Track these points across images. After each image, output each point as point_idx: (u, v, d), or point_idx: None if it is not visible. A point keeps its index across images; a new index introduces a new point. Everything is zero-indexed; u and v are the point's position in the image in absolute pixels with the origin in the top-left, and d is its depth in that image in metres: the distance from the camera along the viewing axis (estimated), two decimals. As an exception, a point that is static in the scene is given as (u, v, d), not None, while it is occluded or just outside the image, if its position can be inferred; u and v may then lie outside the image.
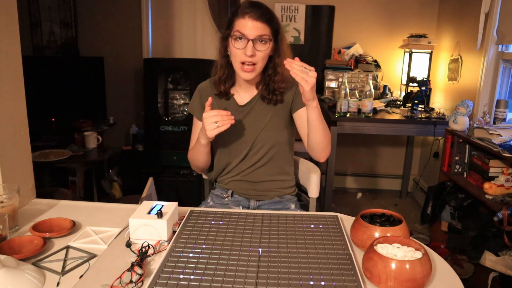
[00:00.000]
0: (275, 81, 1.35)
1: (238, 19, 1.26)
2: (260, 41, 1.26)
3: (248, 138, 1.40)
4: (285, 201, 1.47)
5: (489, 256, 1.85)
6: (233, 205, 1.45)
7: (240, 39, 1.25)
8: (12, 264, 0.83)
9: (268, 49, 1.29)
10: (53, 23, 3.54)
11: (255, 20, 1.24)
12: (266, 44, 1.27)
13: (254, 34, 1.24)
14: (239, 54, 1.27)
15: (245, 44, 1.25)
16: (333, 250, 0.95)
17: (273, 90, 1.36)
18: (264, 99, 1.38)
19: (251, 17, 1.24)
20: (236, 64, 1.30)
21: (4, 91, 1.18)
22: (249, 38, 1.24)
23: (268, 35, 1.27)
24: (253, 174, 1.43)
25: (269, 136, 1.39)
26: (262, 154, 1.40)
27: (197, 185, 3.00)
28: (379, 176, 3.71)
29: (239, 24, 1.25)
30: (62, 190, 2.62)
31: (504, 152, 1.85)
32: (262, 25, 1.25)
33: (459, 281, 0.87)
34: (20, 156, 1.26)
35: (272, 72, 1.35)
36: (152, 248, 0.94)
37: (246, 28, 1.24)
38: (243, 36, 1.25)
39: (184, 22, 3.51)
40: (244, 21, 1.24)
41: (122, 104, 3.64)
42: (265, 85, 1.37)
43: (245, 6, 1.26)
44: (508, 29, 2.29)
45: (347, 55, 3.36)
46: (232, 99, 1.42)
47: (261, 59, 1.28)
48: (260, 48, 1.26)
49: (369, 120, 2.70)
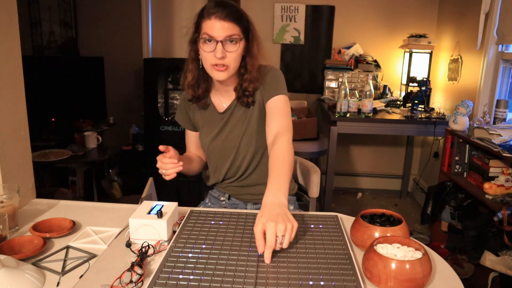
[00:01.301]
0: (245, 80, 1.27)
1: (205, 21, 1.18)
2: (230, 41, 1.19)
3: (231, 145, 1.35)
4: None
5: (489, 256, 1.85)
6: (231, 207, 1.45)
7: (209, 41, 1.18)
8: (12, 264, 0.83)
9: (239, 49, 1.21)
10: (53, 23, 3.55)
11: (222, 20, 1.16)
12: (237, 44, 1.20)
13: (222, 35, 1.17)
14: (209, 57, 1.20)
15: (214, 47, 1.18)
16: (333, 250, 0.95)
17: (243, 91, 1.29)
18: (239, 99, 1.31)
19: (217, 17, 1.16)
20: (208, 66, 1.23)
21: (4, 91, 1.18)
22: (217, 40, 1.17)
23: (238, 35, 1.19)
24: (246, 179, 1.40)
25: (250, 142, 1.34)
26: (249, 160, 1.36)
27: (197, 185, 3.00)
28: (379, 176, 3.71)
29: (206, 26, 1.18)
30: (62, 190, 2.63)
31: (504, 152, 1.85)
32: (230, 24, 1.17)
33: (459, 281, 0.87)
34: (20, 156, 1.26)
35: (244, 71, 1.28)
36: (152, 248, 0.94)
37: (214, 30, 1.16)
38: (212, 38, 1.17)
39: (184, 22, 3.51)
40: (211, 22, 1.17)
41: (122, 104, 3.64)
42: (240, 85, 1.30)
43: (210, 7, 1.19)
44: (508, 29, 2.29)
45: (347, 55, 3.36)
46: (212, 106, 1.37)
47: (233, 59, 1.21)
48: (230, 48, 1.19)
49: (369, 120, 2.70)
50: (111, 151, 3.08)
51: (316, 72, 3.41)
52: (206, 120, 1.39)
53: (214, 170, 1.43)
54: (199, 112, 1.39)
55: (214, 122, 1.37)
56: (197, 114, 1.41)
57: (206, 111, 1.39)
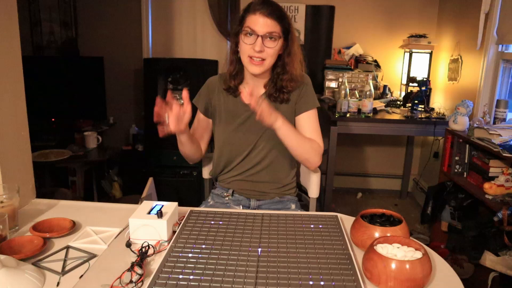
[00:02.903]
0: (283, 79, 1.36)
1: (249, 15, 1.28)
2: (270, 38, 1.27)
3: (251, 137, 1.40)
4: (286, 201, 1.47)
5: (489, 256, 1.85)
6: (234, 204, 1.45)
7: (250, 34, 1.27)
8: (12, 264, 0.83)
9: (277, 46, 1.30)
10: (53, 23, 3.54)
11: (266, 17, 1.25)
12: (276, 41, 1.29)
13: (263, 30, 1.26)
14: (248, 49, 1.28)
15: (254, 40, 1.27)
16: (332, 250, 0.95)
17: (280, 88, 1.37)
18: (270, 97, 1.39)
19: (262, 14, 1.25)
20: (245, 58, 1.31)
21: (4, 91, 1.18)
22: (258, 34, 1.26)
23: (277, 33, 1.28)
24: (254, 174, 1.43)
25: (271, 137, 1.38)
26: (264, 154, 1.41)
27: (197, 185, 3.00)
28: (379, 176, 3.71)
29: (250, 20, 1.27)
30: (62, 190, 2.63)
31: (504, 152, 1.85)
32: (272, 22, 1.26)
33: (459, 281, 0.87)
34: (20, 156, 1.26)
35: (281, 70, 1.36)
36: (152, 248, 0.94)
37: (257, 24, 1.26)
38: (253, 32, 1.26)
39: (184, 22, 3.51)
40: (255, 17, 1.26)
41: (122, 104, 3.64)
42: (273, 83, 1.38)
43: (257, 3, 1.28)
44: (508, 29, 2.29)
45: (347, 55, 3.36)
46: (239, 97, 1.42)
47: (270, 55, 1.29)
48: (269, 44, 1.28)
49: (369, 120, 2.70)
50: (111, 151, 3.08)
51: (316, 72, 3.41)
52: (228, 109, 1.42)
53: (227, 160, 1.45)
54: (224, 100, 1.43)
55: (237, 112, 1.41)
56: (220, 102, 1.43)
57: (232, 100, 1.42)
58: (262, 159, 1.41)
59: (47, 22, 3.54)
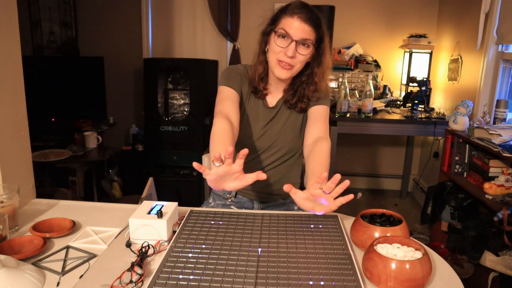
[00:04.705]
0: (309, 90, 1.31)
1: (285, 17, 1.21)
2: (303, 44, 1.22)
3: (266, 140, 1.37)
4: (289, 203, 1.46)
5: (489, 256, 1.85)
6: (236, 206, 1.44)
7: (284, 37, 1.21)
8: (12, 264, 0.83)
9: (309, 54, 1.25)
10: (53, 23, 3.55)
11: (303, 22, 1.19)
12: (308, 49, 1.23)
13: (299, 35, 1.20)
14: (278, 52, 1.22)
15: (287, 44, 1.21)
16: (332, 250, 0.95)
17: (301, 97, 1.32)
18: (286, 103, 1.34)
19: (300, 18, 1.19)
20: (273, 60, 1.25)
21: (4, 91, 1.18)
22: (293, 39, 1.20)
23: (312, 40, 1.22)
24: None
25: (287, 141, 1.36)
26: (275, 158, 1.39)
27: (197, 185, 3.00)
28: (379, 176, 3.71)
29: (286, 22, 1.21)
30: (62, 190, 2.62)
31: (504, 152, 1.85)
32: (309, 28, 1.20)
33: (459, 281, 0.87)
34: (20, 156, 1.26)
35: (306, 79, 1.31)
36: (152, 248, 0.94)
37: (292, 28, 1.20)
38: (287, 35, 1.20)
39: (184, 22, 3.51)
40: (292, 20, 1.20)
41: (122, 104, 3.64)
42: (294, 90, 1.33)
43: (296, 6, 1.22)
44: (508, 29, 2.29)
45: (347, 55, 3.36)
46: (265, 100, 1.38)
47: (300, 62, 1.24)
48: (302, 51, 1.22)
49: (369, 120, 2.70)
50: (111, 151, 3.08)
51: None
52: (251, 111, 1.37)
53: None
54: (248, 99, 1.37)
55: (258, 115, 1.37)
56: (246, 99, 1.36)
57: (257, 102, 1.37)
58: (273, 161, 1.39)
59: (47, 22, 3.54)
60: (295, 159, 1.43)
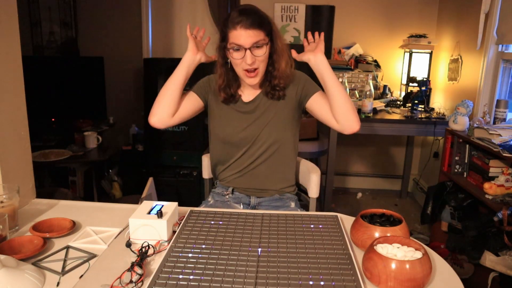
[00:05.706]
0: (275, 77, 1.36)
1: (230, 31, 1.27)
2: (257, 47, 1.27)
3: (250, 134, 1.41)
4: (285, 198, 1.48)
5: (489, 256, 1.85)
6: (234, 202, 1.46)
7: (237, 50, 1.28)
8: (12, 264, 0.83)
9: (266, 52, 1.31)
10: (53, 23, 3.54)
11: (248, 29, 1.24)
12: (263, 48, 1.29)
13: (249, 42, 1.25)
14: (239, 63, 1.30)
15: (243, 54, 1.27)
16: (332, 250, 0.95)
17: (274, 86, 1.38)
18: (267, 94, 1.40)
19: (243, 27, 1.24)
20: (240, 72, 1.33)
21: (4, 91, 1.18)
22: (245, 47, 1.26)
23: (263, 39, 1.28)
24: (253, 170, 1.44)
25: (271, 133, 1.40)
26: (263, 150, 1.41)
27: (197, 185, 3.00)
28: (379, 176, 3.71)
29: (233, 36, 1.26)
30: (62, 190, 2.62)
31: (504, 152, 1.85)
32: (255, 32, 1.25)
33: (459, 281, 0.87)
34: (20, 156, 1.26)
35: (272, 68, 1.37)
36: (152, 248, 0.94)
37: (241, 39, 1.25)
38: (240, 47, 1.26)
39: (184, 22, 3.51)
40: (237, 32, 1.25)
41: (122, 104, 3.64)
42: (268, 81, 1.39)
43: (234, 17, 1.27)
44: (508, 29, 2.29)
45: (347, 55, 3.36)
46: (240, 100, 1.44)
47: (261, 62, 1.31)
48: (258, 53, 1.28)
49: (369, 120, 2.70)
50: (111, 151, 3.07)
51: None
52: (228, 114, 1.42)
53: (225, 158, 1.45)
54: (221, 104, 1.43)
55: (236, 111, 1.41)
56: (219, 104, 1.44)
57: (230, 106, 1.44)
58: (262, 153, 1.42)
59: (47, 22, 3.54)
60: (286, 153, 1.44)
